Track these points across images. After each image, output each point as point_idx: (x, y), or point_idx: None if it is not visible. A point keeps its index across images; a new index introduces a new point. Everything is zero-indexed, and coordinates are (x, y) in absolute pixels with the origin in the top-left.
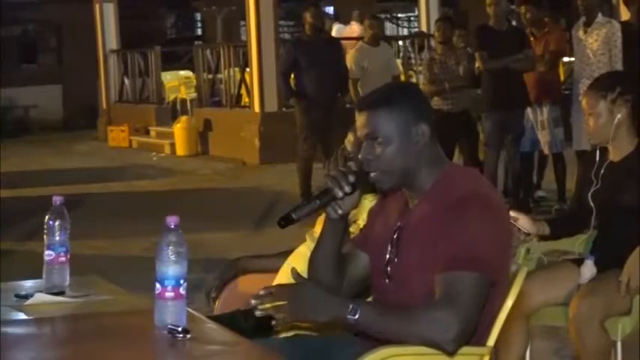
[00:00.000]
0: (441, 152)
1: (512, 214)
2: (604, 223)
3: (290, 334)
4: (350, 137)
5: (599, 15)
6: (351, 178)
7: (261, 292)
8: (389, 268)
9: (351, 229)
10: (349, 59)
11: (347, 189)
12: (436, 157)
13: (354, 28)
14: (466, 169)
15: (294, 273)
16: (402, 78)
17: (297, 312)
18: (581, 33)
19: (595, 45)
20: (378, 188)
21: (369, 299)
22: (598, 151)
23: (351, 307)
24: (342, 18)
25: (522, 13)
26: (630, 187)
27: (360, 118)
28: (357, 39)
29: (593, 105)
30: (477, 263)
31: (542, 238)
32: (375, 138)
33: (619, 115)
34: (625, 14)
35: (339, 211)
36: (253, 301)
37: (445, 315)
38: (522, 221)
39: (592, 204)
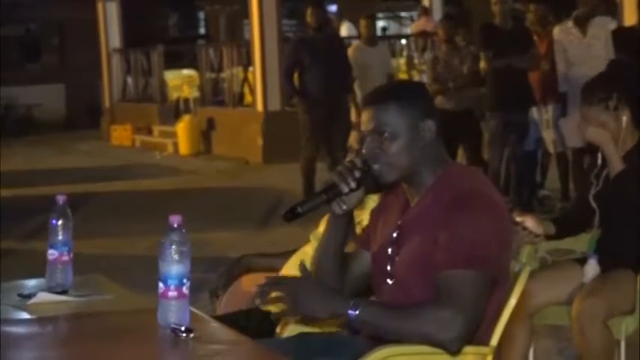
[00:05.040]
0: (444, 151)
1: (518, 218)
2: (607, 222)
3: (293, 333)
4: (354, 134)
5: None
6: (357, 174)
7: (265, 283)
8: (389, 267)
9: (357, 231)
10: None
11: (352, 185)
12: (440, 155)
13: (425, 23)
14: (468, 167)
15: (302, 266)
16: (405, 77)
17: (298, 306)
18: (581, 32)
19: (597, 44)
20: (381, 182)
21: (371, 299)
22: (600, 154)
23: (351, 304)
24: (346, 16)
25: (531, 11)
26: (632, 186)
27: (366, 113)
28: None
29: (597, 118)
30: (478, 261)
31: (547, 237)
32: (381, 133)
33: (624, 118)
34: (629, 18)
35: (344, 207)
36: (255, 290)
37: (448, 314)
38: (530, 222)
39: (594, 205)
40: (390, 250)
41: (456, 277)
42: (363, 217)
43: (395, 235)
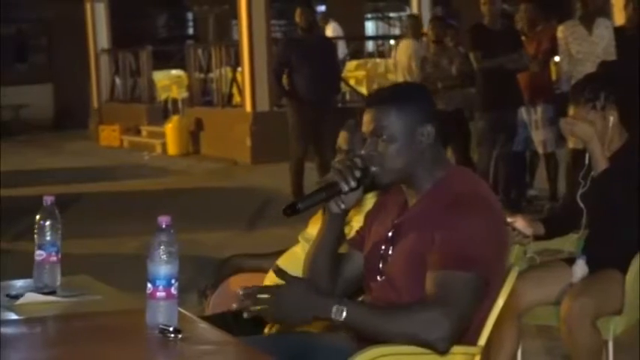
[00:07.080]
0: (443, 153)
1: (509, 218)
2: (595, 222)
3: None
4: (343, 135)
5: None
6: (358, 174)
7: (247, 292)
8: (381, 265)
9: (345, 231)
10: (404, 50)
11: (353, 184)
12: (438, 159)
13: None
14: (466, 171)
15: (279, 272)
16: (393, 77)
17: (281, 312)
18: (587, 30)
19: (601, 44)
20: (377, 183)
21: (361, 299)
22: (588, 154)
23: (336, 307)
24: (333, 16)
25: (522, 12)
26: (619, 185)
27: (367, 114)
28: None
29: (584, 117)
30: (470, 263)
31: (536, 237)
32: (380, 135)
33: (611, 119)
34: (619, 19)
35: (342, 206)
36: (236, 305)
37: (436, 314)
38: (520, 223)
39: (582, 205)
40: (383, 248)
41: (448, 277)
42: (352, 217)
43: (390, 234)
